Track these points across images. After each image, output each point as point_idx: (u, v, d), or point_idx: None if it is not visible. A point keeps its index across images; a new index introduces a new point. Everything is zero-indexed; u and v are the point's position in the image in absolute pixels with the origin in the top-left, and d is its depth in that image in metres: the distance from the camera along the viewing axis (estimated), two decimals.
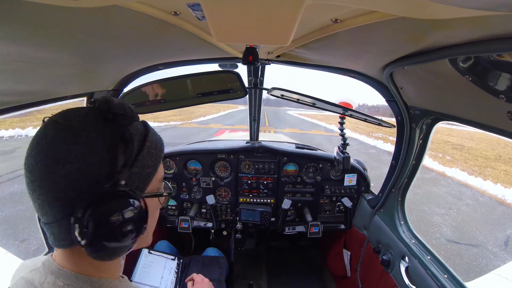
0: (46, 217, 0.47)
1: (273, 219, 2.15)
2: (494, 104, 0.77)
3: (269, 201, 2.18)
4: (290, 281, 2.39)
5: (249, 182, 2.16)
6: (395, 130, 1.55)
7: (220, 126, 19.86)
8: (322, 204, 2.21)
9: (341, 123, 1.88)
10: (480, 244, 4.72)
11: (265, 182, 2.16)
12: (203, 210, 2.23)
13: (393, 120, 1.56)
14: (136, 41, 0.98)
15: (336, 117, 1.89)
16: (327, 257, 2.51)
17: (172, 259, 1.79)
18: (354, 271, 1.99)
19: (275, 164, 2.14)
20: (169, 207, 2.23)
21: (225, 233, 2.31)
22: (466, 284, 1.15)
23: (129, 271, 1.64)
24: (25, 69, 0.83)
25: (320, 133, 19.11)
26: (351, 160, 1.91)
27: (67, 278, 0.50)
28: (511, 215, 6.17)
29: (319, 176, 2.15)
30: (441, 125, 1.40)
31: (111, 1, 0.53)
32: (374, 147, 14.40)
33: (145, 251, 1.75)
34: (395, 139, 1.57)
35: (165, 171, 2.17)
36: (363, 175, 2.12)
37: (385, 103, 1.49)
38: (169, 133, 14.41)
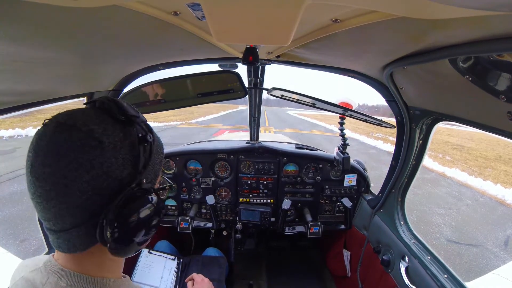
0: (61, 224, 0.46)
1: (273, 219, 2.15)
2: (494, 104, 0.77)
3: (269, 201, 2.18)
4: (290, 281, 2.39)
5: (249, 182, 2.16)
6: (395, 130, 1.55)
7: (220, 126, 19.85)
8: (322, 204, 2.21)
9: (341, 124, 1.88)
10: (480, 244, 4.72)
11: (265, 182, 2.16)
12: (203, 210, 2.23)
13: (393, 120, 1.56)
14: (136, 41, 0.98)
15: (336, 117, 1.89)
16: (327, 257, 2.51)
17: (172, 259, 1.79)
18: (354, 271, 1.99)
19: (275, 164, 2.14)
20: (169, 207, 2.23)
21: (225, 233, 2.31)
22: (466, 284, 1.15)
23: (129, 271, 1.63)
24: (25, 69, 0.83)
25: (320, 133, 19.10)
26: (351, 161, 1.91)
27: (70, 278, 0.49)
28: (511, 215, 6.17)
29: (319, 177, 2.15)
30: (441, 125, 1.39)
31: (111, 1, 0.53)
32: (374, 147, 14.38)
33: (145, 251, 1.74)
34: (395, 139, 1.57)
35: (165, 171, 2.17)
36: (363, 175, 2.12)
37: (385, 103, 1.49)
38: (169, 133, 14.41)
